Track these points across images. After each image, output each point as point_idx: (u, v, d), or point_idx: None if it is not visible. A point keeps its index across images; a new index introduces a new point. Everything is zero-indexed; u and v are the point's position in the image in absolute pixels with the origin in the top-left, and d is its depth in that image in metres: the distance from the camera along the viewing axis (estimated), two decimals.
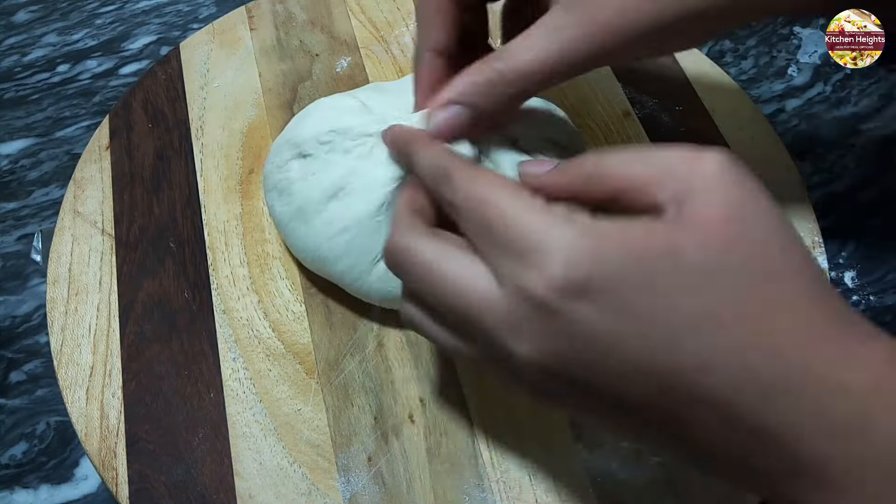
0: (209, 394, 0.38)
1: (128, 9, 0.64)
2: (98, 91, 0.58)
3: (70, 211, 0.44)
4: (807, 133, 0.55)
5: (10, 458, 0.43)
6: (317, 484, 0.35)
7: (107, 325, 0.40)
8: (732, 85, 0.49)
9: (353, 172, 0.36)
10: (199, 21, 0.62)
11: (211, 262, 0.42)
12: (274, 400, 0.37)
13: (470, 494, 0.35)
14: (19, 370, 0.46)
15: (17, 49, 0.61)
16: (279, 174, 0.39)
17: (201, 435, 0.37)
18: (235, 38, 0.52)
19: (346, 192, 0.36)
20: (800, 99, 0.57)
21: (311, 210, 0.37)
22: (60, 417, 0.44)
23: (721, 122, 0.47)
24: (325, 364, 0.38)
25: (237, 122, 0.47)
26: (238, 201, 0.44)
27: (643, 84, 0.49)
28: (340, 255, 0.37)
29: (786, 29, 0.60)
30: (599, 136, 0.47)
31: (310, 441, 0.36)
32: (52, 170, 0.54)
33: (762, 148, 0.46)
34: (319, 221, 0.37)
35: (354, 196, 0.36)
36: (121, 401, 0.38)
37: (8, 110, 0.57)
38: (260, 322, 0.40)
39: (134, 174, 0.46)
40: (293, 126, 0.41)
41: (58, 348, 0.39)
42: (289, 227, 0.39)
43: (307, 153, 0.38)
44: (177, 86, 0.49)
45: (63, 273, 0.42)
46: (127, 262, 0.42)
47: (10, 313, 0.48)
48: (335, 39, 0.51)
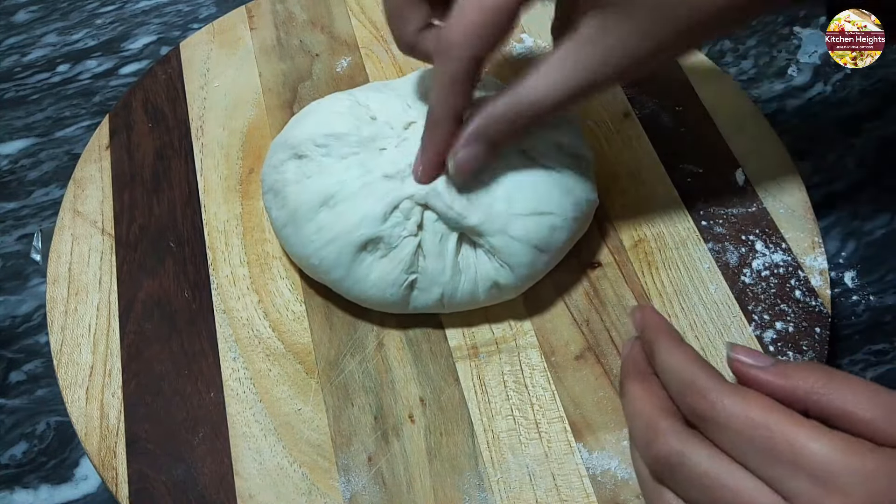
0: (209, 393, 0.38)
1: (128, 9, 0.64)
2: (98, 91, 0.58)
3: (70, 210, 0.44)
4: (807, 133, 0.55)
5: (10, 458, 0.43)
6: (317, 484, 0.35)
7: (107, 324, 0.40)
8: (732, 85, 0.49)
9: (345, 183, 0.37)
10: (199, 21, 0.63)
11: (211, 261, 0.42)
12: (274, 400, 0.37)
13: (470, 494, 0.35)
14: (19, 370, 0.46)
15: (17, 49, 0.61)
16: (275, 174, 0.39)
17: (201, 435, 0.37)
18: (235, 37, 0.52)
19: (336, 200, 0.37)
20: (800, 99, 0.57)
21: (303, 217, 0.37)
22: (60, 417, 0.44)
23: (721, 122, 0.47)
24: (326, 364, 0.38)
25: (237, 122, 0.47)
26: (238, 201, 0.44)
27: (643, 84, 0.49)
28: (333, 264, 0.37)
29: (786, 29, 0.60)
30: (599, 136, 0.47)
31: (310, 441, 0.36)
32: (52, 170, 0.54)
33: (762, 148, 0.46)
34: (310, 230, 0.37)
35: (344, 205, 0.36)
36: (121, 400, 0.38)
37: (8, 110, 0.57)
38: (260, 322, 0.40)
39: (134, 174, 0.46)
40: (291, 126, 0.41)
41: (58, 348, 0.39)
42: (283, 232, 0.39)
43: (303, 154, 0.38)
44: (177, 85, 0.49)
45: (63, 273, 0.42)
46: (127, 262, 0.42)
47: (10, 313, 0.48)
48: (335, 39, 0.51)
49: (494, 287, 0.38)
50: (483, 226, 0.36)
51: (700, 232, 0.43)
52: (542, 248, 0.37)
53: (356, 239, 0.36)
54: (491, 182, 0.37)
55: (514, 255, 0.37)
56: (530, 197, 0.37)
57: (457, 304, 0.38)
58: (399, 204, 0.36)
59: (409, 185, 0.36)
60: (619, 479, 0.35)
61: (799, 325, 0.40)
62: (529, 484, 0.35)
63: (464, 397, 0.37)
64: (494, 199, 0.36)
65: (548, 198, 0.37)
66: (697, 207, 0.44)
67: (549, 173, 0.38)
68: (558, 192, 0.38)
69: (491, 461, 0.36)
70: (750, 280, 0.41)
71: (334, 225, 0.36)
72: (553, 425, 0.37)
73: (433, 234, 0.37)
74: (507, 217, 0.36)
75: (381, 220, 0.36)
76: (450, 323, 0.39)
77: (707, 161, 0.46)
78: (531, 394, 0.37)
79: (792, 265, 0.41)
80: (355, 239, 0.36)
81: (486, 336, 0.39)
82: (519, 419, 0.37)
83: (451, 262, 0.37)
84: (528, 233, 0.37)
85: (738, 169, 0.45)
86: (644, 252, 0.42)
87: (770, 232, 0.43)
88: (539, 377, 0.38)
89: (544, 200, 0.37)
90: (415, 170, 0.36)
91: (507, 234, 0.36)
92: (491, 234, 0.36)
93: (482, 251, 0.37)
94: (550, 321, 0.40)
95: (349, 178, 0.37)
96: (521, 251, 0.37)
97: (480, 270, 0.37)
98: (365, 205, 0.36)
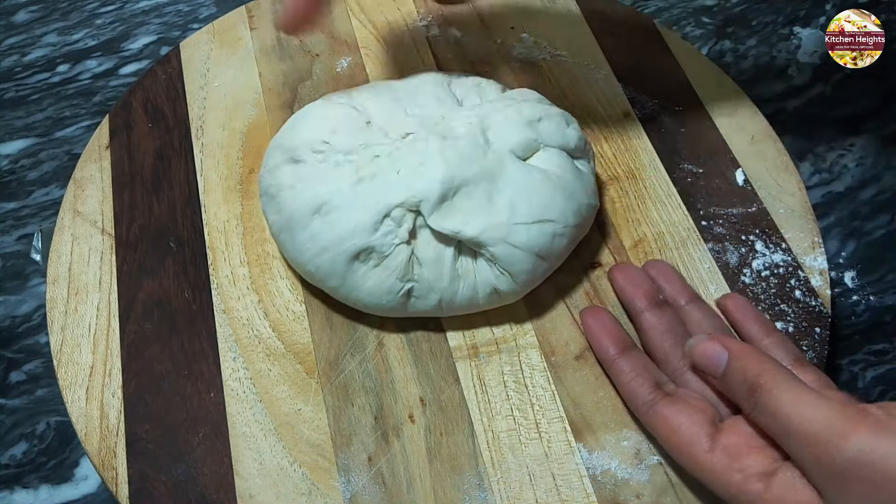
0: (209, 393, 0.38)
1: (128, 9, 0.64)
2: (98, 91, 0.58)
3: (70, 210, 0.44)
4: (807, 133, 0.55)
5: (10, 458, 0.43)
6: (317, 484, 0.35)
7: (107, 324, 0.40)
8: (732, 85, 0.49)
9: (338, 192, 0.36)
10: (199, 21, 0.63)
11: (211, 261, 0.42)
12: (274, 400, 0.37)
13: (470, 494, 0.35)
14: (19, 370, 0.46)
15: (17, 49, 0.61)
16: (270, 178, 0.39)
17: (201, 435, 0.37)
18: (235, 37, 0.52)
19: (328, 209, 0.36)
20: (800, 99, 0.57)
21: (297, 224, 0.37)
22: (60, 417, 0.44)
23: (721, 122, 0.47)
24: (326, 364, 0.38)
25: (237, 122, 0.47)
26: (238, 201, 0.44)
27: (643, 84, 0.49)
28: (328, 273, 0.37)
29: (786, 29, 0.60)
30: (599, 136, 0.47)
31: (310, 441, 0.36)
32: (52, 170, 0.54)
33: (762, 148, 0.46)
34: (304, 237, 0.37)
35: (336, 214, 0.36)
36: (121, 400, 0.38)
37: (8, 110, 0.57)
38: (260, 322, 0.40)
39: (134, 174, 0.46)
40: (287, 129, 0.41)
41: (58, 348, 0.39)
42: (279, 238, 0.39)
43: (299, 159, 0.38)
44: (177, 85, 0.49)
45: (63, 273, 0.42)
46: (127, 262, 0.42)
47: (10, 313, 0.48)
48: (335, 39, 0.51)
49: (494, 293, 0.38)
50: (483, 236, 0.36)
51: (700, 232, 0.43)
52: (543, 256, 0.37)
53: (348, 248, 0.36)
54: (493, 190, 0.36)
55: (516, 263, 0.37)
56: (533, 204, 0.37)
57: (456, 308, 0.38)
58: (390, 212, 0.36)
59: (399, 191, 0.36)
60: (619, 479, 0.35)
61: (799, 325, 0.40)
62: (529, 484, 0.35)
63: (464, 397, 0.37)
64: (495, 208, 0.36)
65: (551, 205, 0.37)
66: (697, 207, 0.44)
67: (552, 179, 0.38)
68: (561, 199, 0.37)
69: (491, 461, 0.36)
70: (750, 280, 0.41)
71: (326, 234, 0.36)
72: (553, 425, 0.37)
73: (427, 241, 0.37)
74: (509, 226, 0.36)
75: (372, 229, 0.36)
76: (450, 323, 0.39)
77: (707, 161, 0.46)
78: (531, 394, 0.37)
79: (792, 265, 0.41)
80: (347, 248, 0.36)
81: (486, 336, 0.39)
82: (519, 419, 0.37)
83: (449, 269, 0.37)
84: (531, 241, 0.36)
85: (738, 169, 0.45)
86: (644, 252, 0.42)
87: (770, 232, 0.43)
88: (539, 377, 0.38)
89: (547, 208, 0.37)
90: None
91: (508, 243, 0.36)
92: (492, 243, 0.36)
93: (482, 259, 0.37)
94: (550, 321, 0.40)
95: (342, 186, 0.37)
96: (523, 259, 0.37)
97: (480, 277, 0.37)
98: (355, 214, 0.36)
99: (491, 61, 0.50)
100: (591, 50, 0.51)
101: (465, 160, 0.36)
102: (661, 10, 0.63)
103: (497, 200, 0.36)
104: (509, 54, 0.51)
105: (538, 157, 0.39)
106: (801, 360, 0.35)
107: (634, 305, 0.38)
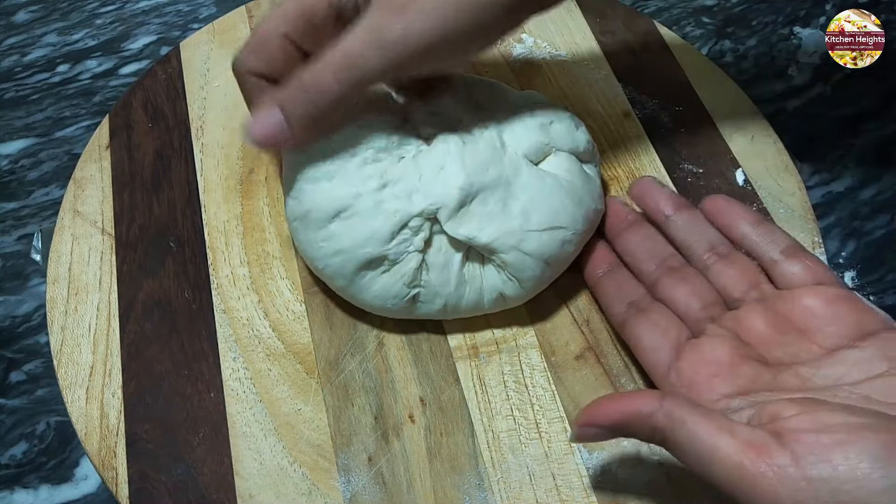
0: (209, 393, 0.38)
1: (128, 9, 0.64)
2: (98, 91, 0.58)
3: (70, 210, 0.44)
4: (807, 133, 0.55)
5: (10, 458, 0.43)
6: (317, 484, 0.35)
7: (107, 324, 0.40)
8: (732, 85, 0.49)
9: (360, 197, 0.36)
10: (199, 21, 0.63)
11: (211, 261, 0.42)
12: (274, 400, 0.37)
13: (470, 494, 0.35)
14: (19, 370, 0.46)
15: (17, 49, 0.61)
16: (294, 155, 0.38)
17: (201, 435, 0.37)
18: (235, 37, 0.52)
19: (349, 213, 0.36)
20: (800, 99, 0.57)
21: (314, 222, 0.37)
22: (60, 417, 0.44)
23: (721, 122, 0.47)
24: (326, 364, 0.38)
25: (237, 122, 0.47)
26: (238, 201, 0.44)
27: (643, 84, 0.49)
28: (336, 274, 0.37)
29: (786, 29, 0.60)
30: (599, 136, 0.47)
31: (310, 441, 0.36)
32: (52, 170, 0.54)
33: (762, 148, 0.46)
34: (319, 236, 0.37)
35: (355, 220, 0.36)
36: (121, 400, 0.38)
37: (8, 110, 0.57)
38: (260, 322, 0.40)
39: (134, 174, 0.46)
40: None
41: (58, 348, 0.39)
42: (293, 224, 0.38)
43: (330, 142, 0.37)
44: (177, 85, 0.49)
45: (63, 273, 0.42)
46: (127, 262, 0.42)
47: (10, 313, 0.48)
48: None
49: (500, 298, 0.38)
50: (496, 243, 0.36)
51: None
52: (551, 263, 0.37)
53: (361, 256, 0.36)
54: (507, 196, 0.36)
55: (525, 270, 0.36)
56: (545, 211, 0.36)
57: (461, 312, 0.38)
58: (409, 221, 0.36)
59: (419, 200, 0.36)
60: (619, 479, 0.35)
61: None
62: (529, 484, 0.35)
63: (464, 397, 0.37)
64: (509, 215, 0.36)
65: (562, 211, 0.37)
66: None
67: (563, 184, 0.37)
68: (571, 205, 0.37)
69: (491, 461, 0.36)
70: None
71: (343, 238, 0.36)
72: (553, 425, 0.37)
73: (439, 247, 0.36)
74: (522, 233, 0.36)
75: (389, 239, 0.35)
76: (450, 324, 0.39)
77: (707, 161, 0.46)
78: (531, 394, 0.37)
79: None
80: (360, 256, 0.36)
81: (486, 336, 0.39)
82: (519, 419, 0.37)
83: (456, 275, 0.37)
84: (541, 248, 0.36)
85: (738, 169, 0.45)
86: None
87: None
88: (539, 377, 0.38)
89: (558, 214, 0.37)
90: None
91: (520, 251, 0.36)
92: (504, 250, 0.36)
93: (491, 264, 0.37)
94: (550, 321, 0.40)
95: (365, 190, 0.36)
96: (532, 266, 0.36)
97: (487, 282, 0.37)
98: (375, 223, 0.35)
99: (491, 61, 0.50)
100: (591, 50, 0.51)
101: (483, 165, 0.36)
102: (661, 10, 0.63)
103: (511, 207, 0.36)
104: (509, 54, 0.51)
105: (549, 161, 0.38)
106: (794, 247, 0.36)
107: (613, 229, 0.40)
